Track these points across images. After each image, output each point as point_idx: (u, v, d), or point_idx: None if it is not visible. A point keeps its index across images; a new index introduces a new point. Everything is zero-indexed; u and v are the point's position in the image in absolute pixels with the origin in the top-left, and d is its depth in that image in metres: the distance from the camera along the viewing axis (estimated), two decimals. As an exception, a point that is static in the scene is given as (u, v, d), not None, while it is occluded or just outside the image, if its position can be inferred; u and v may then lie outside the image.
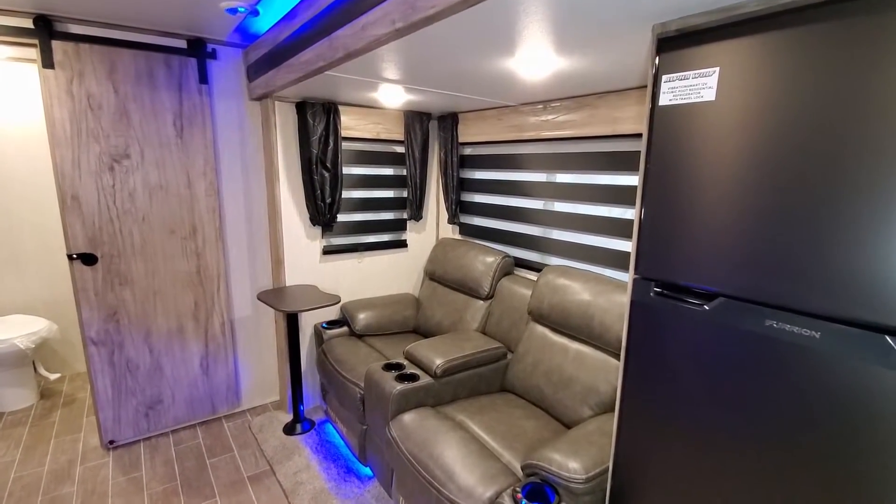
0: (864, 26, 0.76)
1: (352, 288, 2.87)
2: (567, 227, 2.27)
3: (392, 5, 1.17)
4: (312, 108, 2.40)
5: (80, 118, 2.10)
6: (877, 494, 0.81)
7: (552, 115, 2.18)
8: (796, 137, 0.85)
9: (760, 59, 0.88)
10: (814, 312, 0.85)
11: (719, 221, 0.97)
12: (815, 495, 0.88)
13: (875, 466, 0.81)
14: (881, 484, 0.81)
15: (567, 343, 1.96)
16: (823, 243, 0.83)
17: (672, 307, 1.07)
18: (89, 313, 2.27)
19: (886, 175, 0.76)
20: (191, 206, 2.44)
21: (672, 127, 1.03)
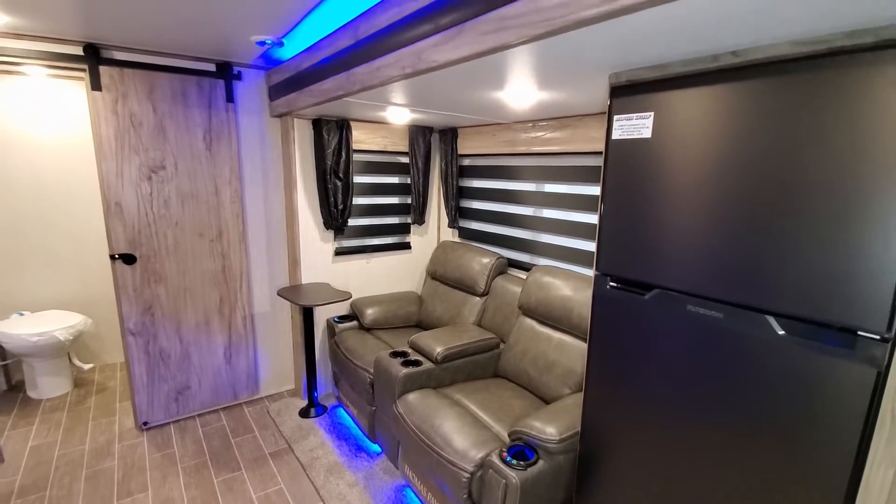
0: (745, 88, 1.04)
1: (361, 286, 3.16)
2: (554, 231, 2.55)
3: (403, 54, 1.45)
4: (327, 124, 2.68)
5: (123, 134, 2.39)
6: (759, 432, 1.09)
7: (540, 133, 2.46)
8: (707, 167, 1.13)
9: (681, 107, 1.16)
10: (717, 298, 1.14)
11: (654, 230, 1.25)
12: (731, 435, 1.17)
13: (757, 411, 1.09)
14: (762, 419, 1.09)
15: (551, 333, 2.24)
16: (719, 244, 1.11)
17: (623, 297, 1.36)
18: (128, 307, 2.56)
19: (762, 189, 1.04)
20: (217, 212, 2.72)
21: (622, 156, 1.31)
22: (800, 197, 1.00)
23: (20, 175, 3.11)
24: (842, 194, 0.94)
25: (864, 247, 0.92)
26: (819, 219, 0.97)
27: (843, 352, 0.97)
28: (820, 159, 0.96)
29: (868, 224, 0.91)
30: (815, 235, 0.98)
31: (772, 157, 1.03)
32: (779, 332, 1.05)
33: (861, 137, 0.91)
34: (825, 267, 0.97)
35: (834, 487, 1.02)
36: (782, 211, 1.02)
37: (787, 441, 1.07)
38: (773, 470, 1.10)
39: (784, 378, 1.06)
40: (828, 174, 0.95)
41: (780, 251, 1.03)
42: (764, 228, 1.05)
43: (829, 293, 0.97)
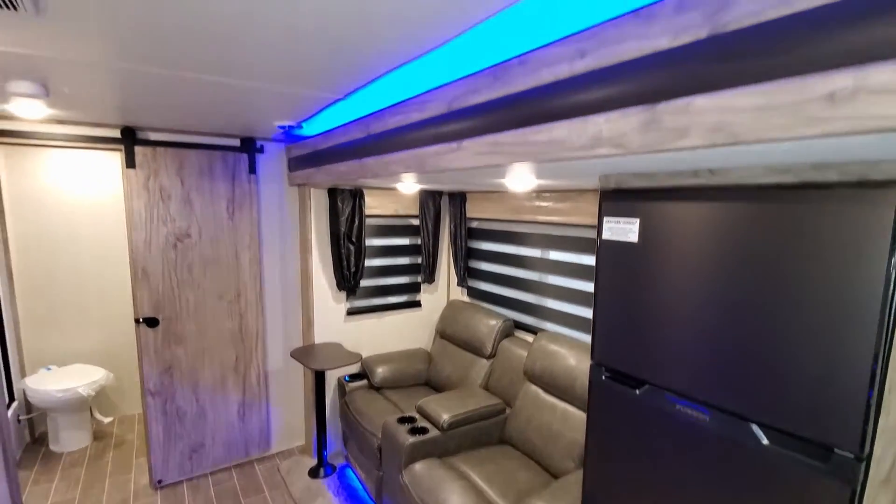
0: (722, 208, 1.12)
1: (372, 343, 3.23)
2: (558, 297, 2.61)
3: (409, 155, 1.58)
4: (342, 193, 2.84)
5: (153, 207, 2.57)
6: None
7: (544, 203, 2.57)
8: (689, 276, 1.20)
9: (664, 217, 1.25)
10: (705, 401, 1.18)
11: (643, 328, 1.31)
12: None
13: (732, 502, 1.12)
14: (758, 532, 1.11)
15: (555, 402, 2.27)
16: (704, 349, 1.17)
17: (617, 389, 1.41)
18: (149, 368, 2.67)
19: (741, 302, 1.10)
20: (237, 275, 2.86)
21: (612, 255, 1.39)
22: (775, 312, 1.06)
23: (58, 236, 3.32)
24: (812, 313, 1.00)
25: (835, 366, 0.97)
26: (794, 335, 1.03)
27: (823, 468, 1.00)
28: (789, 281, 1.03)
29: (837, 345, 0.97)
30: (791, 350, 1.04)
31: (750, 271, 1.10)
32: (763, 441, 1.09)
33: (828, 268, 0.97)
34: (802, 381, 1.02)
35: None
36: (760, 324, 1.08)
37: (778, 548, 1.09)
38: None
39: (768, 486, 1.09)
40: (797, 296, 1.01)
41: (763, 362, 1.08)
42: (746, 338, 1.11)
43: (806, 408, 1.02)
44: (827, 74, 0.62)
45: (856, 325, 0.95)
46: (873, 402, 0.95)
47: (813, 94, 0.64)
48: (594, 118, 0.94)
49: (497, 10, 0.92)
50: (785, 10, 0.65)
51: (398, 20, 0.99)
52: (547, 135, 1.05)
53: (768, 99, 0.68)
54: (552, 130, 1.03)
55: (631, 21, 0.85)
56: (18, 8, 0.92)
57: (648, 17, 0.82)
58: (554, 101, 1.01)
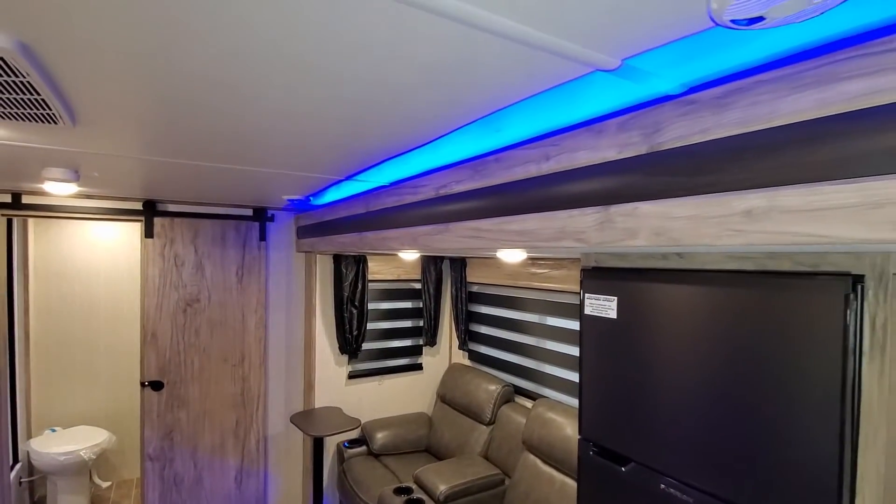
0: (690, 290, 1.19)
1: (372, 407, 3.22)
2: (556, 363, 2.63)
3: (403, 233, 1.69)
4: (346, 259, 2.96)
5: (167, 274, 2.70)
6: None
7: (540, 270, 2.65)
8: (666, 354, 1.25)
9: (639, 296, 1.31)
10: (689, 483, 1.19)
11: (625, 405, 1.34)
12: None
13: None
14: None
15: (553, 474, 2.23)
16: (683, 429, 1.19)
17: (604, 466, 1.41)
18: (150, 432, 2.69)
19: (716, 383, 1.13)
20: (242, 338, 2.94)
21: (594, 330, 1.45)
22: (748, 394, 1.09)
23: (74, 301, 3.46)
24: (780, 398, 1.03)
25: (807, 454, 0.99)
26: (766, 420, 1.06)
27: (803, 555, 1.00)
28: (759, 363, 1.07)
29: (805, 431, 0.99)
30: (765, 435, 1.06)
31: (721, 353, 1.14)
32: (743, 526, 1.08)
33: (790, 350, 1.02)
34: (779, 468, 1.04)
35: None
36: (735, 405, 1.11)
37: None
38: None
39: (755, 573, 1.07)
40: (765, 378, 1.06)
41: (738, 444, 1.10)
42: (720, 420, 1.13)
43: (785, 494, 1.03)
44: (743, 194, 0.71)
45: (822, 408, 0.98)
46: (845, 489, 0.96)
47: (733, 209, 0.72)
48: (559, 213, 1.04)
49: (476, 118, 1.04)
50: (705, 137, 0.75)
51: (385, 127, 1.13)
52: (520, 225, 1.14)
53: (698, 210, 0.77)
54: (525, 222, 1.13)
55: (585, 133, 0.96)
56: (58, 122, 1.07)
57: (599, 131, 0.93)
58: (526, 195, 1.12)
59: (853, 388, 0.96)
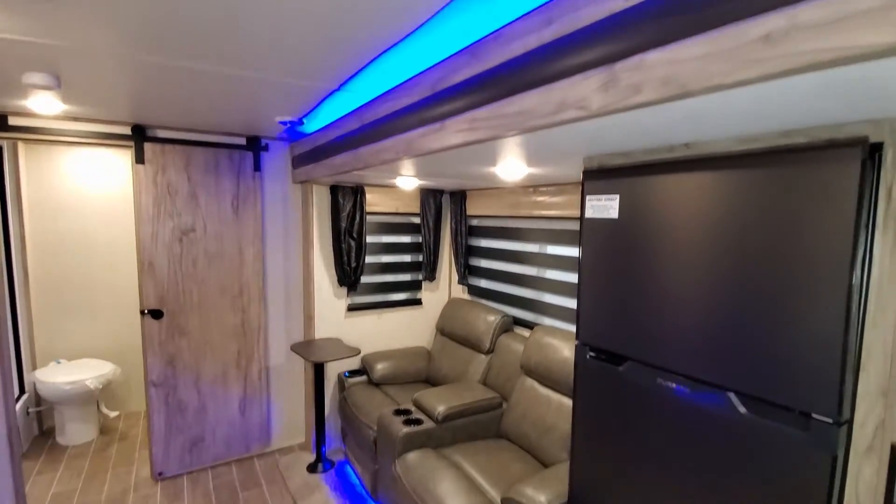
0: (697, 178, 1.14)
1: (372, 341, 3.26)
2: (556, 291, 2.61)
3: (398, 140, 1.62)
4: (343, 190, 2.90)
5: (160, 202, 2.65)
6: None
7: (540, 198, 2.59)
8: (667, 248, 1.21)
9: (642, 192, 1.26)
10: (685, 374, 1.18)
11: (624, 304, 1.32)
12: None
13: (725, 488, 1.10)
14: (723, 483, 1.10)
15: (550, 395, 2.26)
16: (682, 321, 1.17)
17: (601, 367, 1.41)
18: (153, 359, 2.73)
19: (718, 271, 1.10)
20: (240, 270, 2.92)
21: (594, 233, 1.41)
22: (751, 279, 1.06)
23: (70, 234, 3.44)
24: (785, 279, 1.00)
25: (808, 330, 0.97)
26: (769, 301, 1.03)
27: (801, 435, 0.99)
28: (765, 247, 1.03)
29: (811, 310, 0.97)
30: (767, 317, 1.03)
31: (725, 241, 1.10)
32: (740, 409, 1.08)
33: (800, 231, 0.98)
34: (780, 348, 1.02)
35: (807, 573, 1.01)
36: (737, 291, 1.08)
37: (757, 521, 1.07)
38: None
39: (749, 457, 1.08)
40: (771, 261, 1.02)
41: (738, 330, 1.08)
42: (721, 307, 1.11)
43: (784, 374, 1.01)
44: (762, 17, 0.64)
45: (829, 284, 0.95)
46: (850, 364, 0.94)
47: (750, 37, 0.66)
48: (559, 84, 0.97)
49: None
50: (724, -40, 0.68)
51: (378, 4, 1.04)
52: (518, 105, 1.08)
53: (710, 47, 0.70)
54: (522, 100, 1.06)
55: (590, -14, 0.88)
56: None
57: (605, -20, 0.85)
58: (524, 72, 1.04)
59: (863, 261, 0.92)
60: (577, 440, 1.53)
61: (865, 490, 0.97)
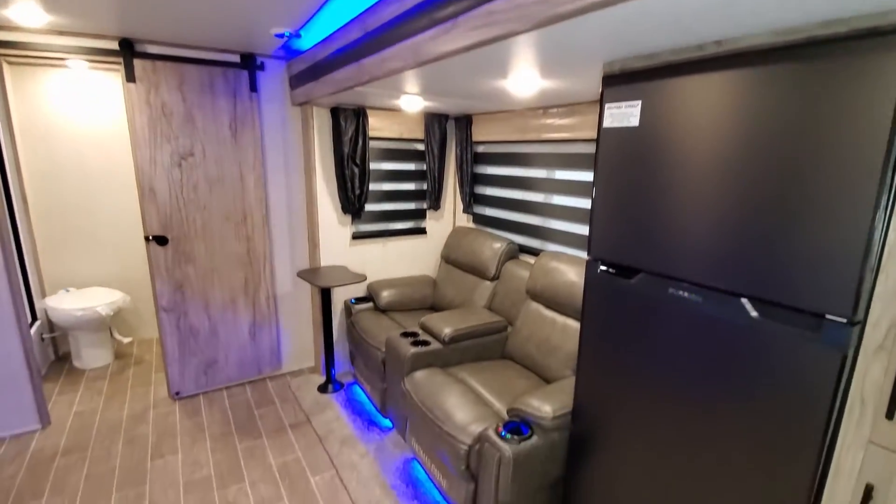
0: (727, 77, 1.07)
1: (377, 269, 3.27)
2: (563, 217, 2.59)
3: (406, 46, 1.52)
4: (344, 112, 2.78)
5: (155, 123, 2.55)
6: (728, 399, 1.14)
7: (550, 120, 2.49)
8: (687, 155, 1.16)
9: (666, 96, 1.19)
10: (696, 282, 1.17)
11: (639, 215, 1.29)
12: (709, 411, 1.21)
13: (734, 391, 1.13)
14: (734, 394, 1.13)
15: (555, 317, 2.29)
16: (697, 229, 1.15)
17: (612, 281, 1.41)
18: (161, 285, 2.75)
19: (737, 175, 1.07)
20: (242, 196, 2.88)
21: (612, 143, 1.35)
22: (776, 184, 1.02)
23: (65, 161, 3.35)
24: (812, 181, 0.96)
25: (831, 232, 0.95)
26: (793, 206, 1.00)
27: (811, 335, 1.00)
28: (794, 147, 0.98)
29: (836, 210, 0.94)
30: (785, 221, 1.01)
31: (751, 144, 1.05)
32: (752, 314, 1.08)
33: (835, 127, 0.93)
34: (798, 252, 1.00)
35: (806, 467, 1.06)
36: (755, 196, 1.05)
37: (762, 420, 1.11)
38: (751, 447, 1.14)
39: (757, 360, 1.09)
40: (799, 162, 0.98)
41: (756, 236, 1.06)
42: (741, 214, 1.08)
43: (800, 278, 1.00)
44: None
45: (857, 184, 0.91)
46: (871, 264, 0.93)
47: None
48: (590, -40, 0.88)
49: None
50: None
51: None
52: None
53: None
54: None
55: None
56: None
57: None
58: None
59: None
60: (584, 353, 1.56)
61: (871, 388, 0.99)
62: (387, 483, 2.21)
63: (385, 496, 2.13)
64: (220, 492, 2.17)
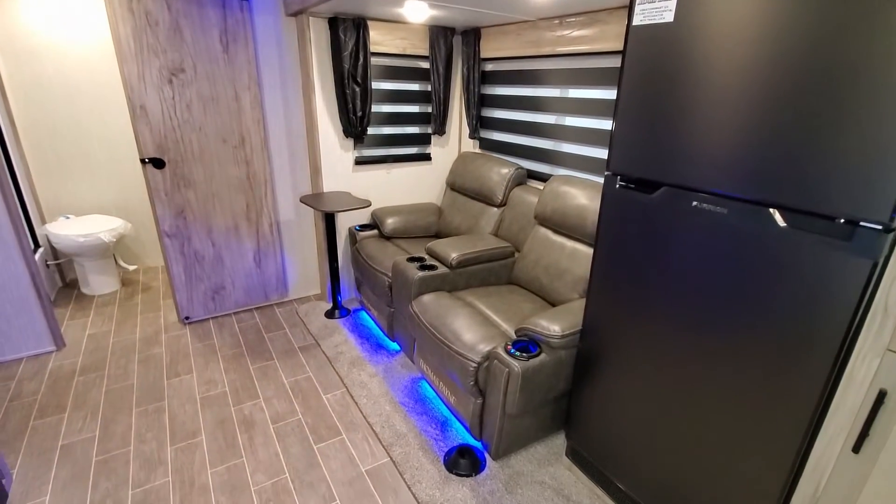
0: (785, -41, 0.95)
1: (381, 196, 3.21)
2: (576, 140, 2.48)
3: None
4: (344, 23, 2.58)
5: (140, 34, 2.37)
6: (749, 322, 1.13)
7: (567, 31, 2.31)
8: (724, 55, 1.06)
9: (711, -15, 1.07)
10: (723, 193, 1.12)
11: (666, 124, 1.21)
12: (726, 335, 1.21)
13: (755, 302, 1.11)
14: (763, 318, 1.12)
15: (564, 241, 2.27)
16: (727, 138, 1.08)
17: (631, 197, 1.35)
18: (162, 210, 2.70)
19: (773, 77, 0.98)
20: (238, 118, 2.75)
21: (641, 44, 1.24)
22: (811, 87, 0.94)
23: (52, 83, 3.17)
24: (853, 84, 0.88)
25: (869, 137, 0.88)
26: (828, 110, 0.92)
27: (841, 244, 0.96)
28: (838, 49, 0.89)
29: (876, 114, 0.86)
30: (823, 127, 0.94)
31: (789, 43, 0.96)
32: (781, 224, 1.04)
33: (883, 28, 0.83)
34: (832, 159, 0.94)
35: (819, 374, 1.06)
36: (793, 101, 0.97)
37: (778, 332, 1.10)
38: (765, 358, 1.15)
39: (781, 271, 1.06)
40: (842, 64, 0.89)
41: (788, 143, 0.99)
42: (774, 119, 1.01)
43: (833, 185, 0.95)
44: None
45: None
46: (916, 169, 0.87)
47: None
48: None
49: None
50: None
51: None
52: None
53: None
54: None
55: None
56: None
57: None
58: None
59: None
60: (597, 273, 1.54)
61: (897, 298, 0.97)
62: (396, 400, 2.29)
63: (394, 411, 2.21)
64: (236, 407, 2.25)
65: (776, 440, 1.14)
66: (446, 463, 1.89)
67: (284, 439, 2.06)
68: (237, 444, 2.03)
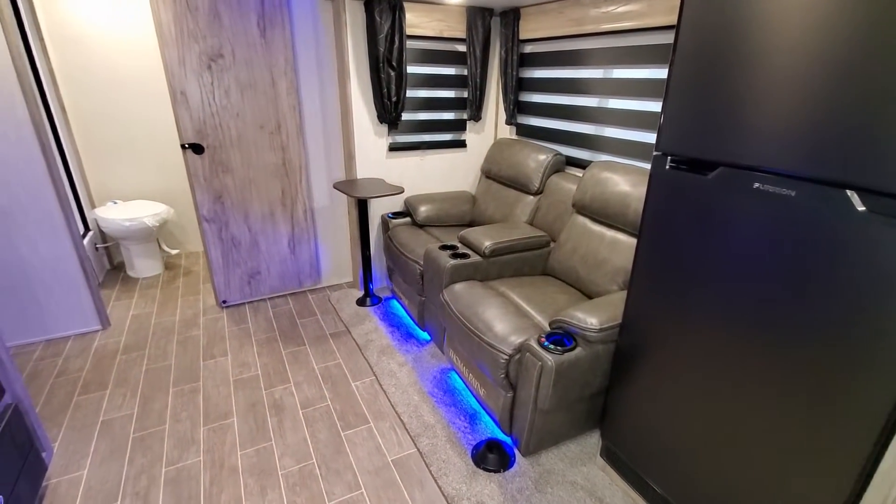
0: None
1: (414, 184, 3.16)
2: (619, 124, 2.34)
3: None
4: (380, 5, 2.53)
5: (181, 19, 2.40)
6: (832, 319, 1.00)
7: (612, 7, 2.17)
8: (800, 13, 0.93)
9: (783, -64, 0.94)
10: (790, 174, 0.99)
11: (726, 97, 1.09)
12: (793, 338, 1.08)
13: (826, 296, 0.99)
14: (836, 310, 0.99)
15: (604, 231, 2.14)
16: (794, 116, 0.95)
17: (682, 178, 1.23)
18: (201, 195, 2.75)
19: (858, 38, 0.85)
20: (275, 104, 2.75)
21: (699, 9, 1.12)
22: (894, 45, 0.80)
23: (99, 70, 3.29)
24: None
25: None
26: (942, 67, 0.79)
27: (940, 230, 0.83)
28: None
29: None
30: (931, 90, 0.80)
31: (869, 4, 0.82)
32: (859, 208, 0.91)
33: None
34: (937, 129, 0.80)
35: (891, 382, 0.93)
36: (874, 66, 0.83)
37: (853, 328, 0.97)
38: (834, 359, 1.02)
39: (860, 260, 0.93)
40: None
41: (868, 114, 0.86)
42: (851, 89, 0.87)
43: (935, 161, 0.81)
44: None
45: None
46: None
47: None
48: None
49: None
50: None
51: None
52: None
53: None
54: None
55: None
56: None
57: None
58: None
59: None
60: (641, 263, 1.43)
61: None
62: (424, 390, 2.25)
63: (422, 401, 2.17)
64: (267, 390, 2.27)
65: (840, 448, 1.01)
66: (474, 457, 1.83)
67: (313, 424, 2.05)
68: (267, 427, 2.04)
